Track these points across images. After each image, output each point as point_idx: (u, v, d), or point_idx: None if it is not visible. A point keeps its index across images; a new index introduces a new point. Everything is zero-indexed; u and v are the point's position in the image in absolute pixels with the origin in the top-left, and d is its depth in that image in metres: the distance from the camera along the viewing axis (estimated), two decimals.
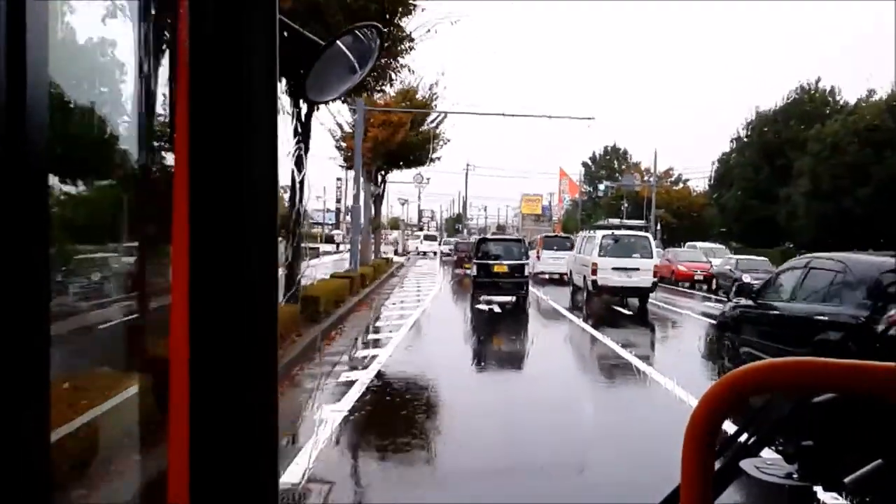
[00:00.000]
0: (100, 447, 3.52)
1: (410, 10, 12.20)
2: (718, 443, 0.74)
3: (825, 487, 0.89)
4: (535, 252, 27.03)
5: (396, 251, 48.43)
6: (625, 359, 10.01)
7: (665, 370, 8.84)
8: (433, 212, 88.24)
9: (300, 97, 10.69)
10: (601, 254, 18.23)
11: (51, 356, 0.60)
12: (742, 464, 0.91)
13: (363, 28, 1.40)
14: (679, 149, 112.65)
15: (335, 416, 6.39)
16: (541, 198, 71.73)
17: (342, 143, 26.17)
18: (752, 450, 0.95)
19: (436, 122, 26.80)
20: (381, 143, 24.68)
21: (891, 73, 46.96)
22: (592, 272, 18.13)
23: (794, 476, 0.88)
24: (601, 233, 19.58)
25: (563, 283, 23.32)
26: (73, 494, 3.17)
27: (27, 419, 0.57)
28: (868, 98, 34.56)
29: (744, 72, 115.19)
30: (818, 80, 40.63)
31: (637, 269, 17.94)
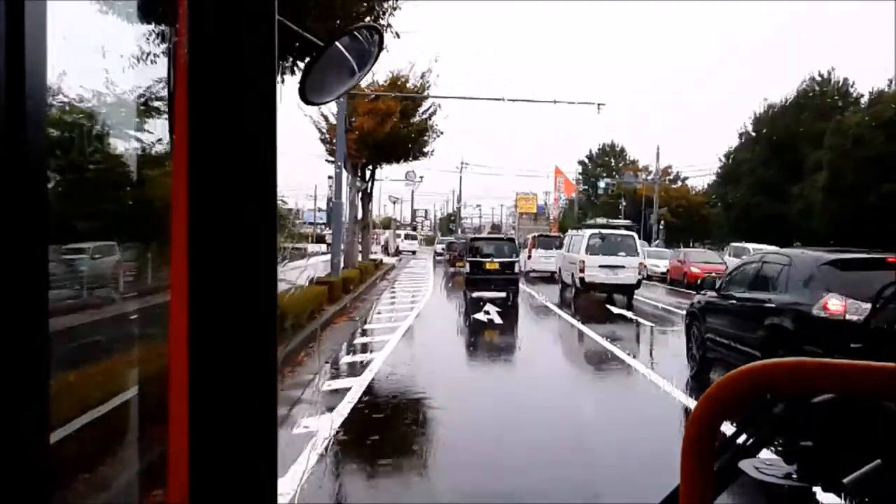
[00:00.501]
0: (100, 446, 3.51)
1: None
2: (717, 443, 0.75)
3: (824, 488, 0.89)
4: (527, 251, 28.06)
5: (387, 252, 46.81)
6: (608, 349, 10.82)
7: (642, 358, 10.32)
8: (427, 211, 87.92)
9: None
10: (588, 252, 19.03)
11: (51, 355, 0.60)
12: (741, 464, 0.91)
13: (362, 29, 1.40)
14: (677, 147, 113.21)
15: None
16: (535, 197, 71.51)
17: (327, 136, 23.22)
18: (752, 450, 0.95)
19: (428, 113, 24.50)
20: (368, 134, 22.11)
21: None
22: (580, 270, 18.94)
23: (794, 476, 0.88)
24: (589, 232, 20.38)
25: (555, 282, 23.63)
26: (74, 494, 3.16)
27: (27, 419, 0.57)
28: (891, 86, 31.33)
29: (744, 70, 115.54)
30: (831, 71, 38.02)
31: (623, 267, 18.77)
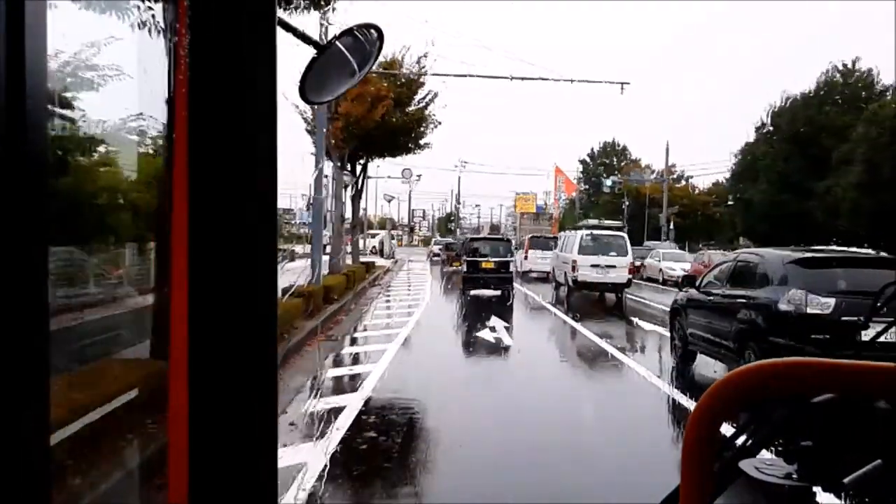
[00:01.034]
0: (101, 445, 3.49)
1: None
2: (718, 443, 0.75)
3: (824, 488, 0.89)
4: (524, 252, 28.63)
5: (382, 253, 43.75)
6: (598, 344, 11.76)
7: (626, 350, 11.41)
8: (425, 211, 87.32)
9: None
10: (581, 252, 19.71)
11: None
12: (741, 464, 0.91)
13: (363, 28, 1.40)
14: (679, 146, 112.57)
15: None
16: (535, 197, 71.21)
17: (313, 126, 18.18)
18: (752, 450, 0.95)
19: (425, 102, 22.27)
20: (356, 122, 19.44)
21: None
22: (573, 269, 19.62)
23: (794, 476, 0.88)
24: (581, 232, 21.15)
25: (550, 281, 24.16)
26: (74, 494, 3.15)
27: (27, 419, 0.57)
28: None
29: (748, 70, 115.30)
30: (856, 61, 34.91)
31: (614, 267, 19.45)
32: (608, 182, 52.88)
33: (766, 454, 0.96)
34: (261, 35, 0.70)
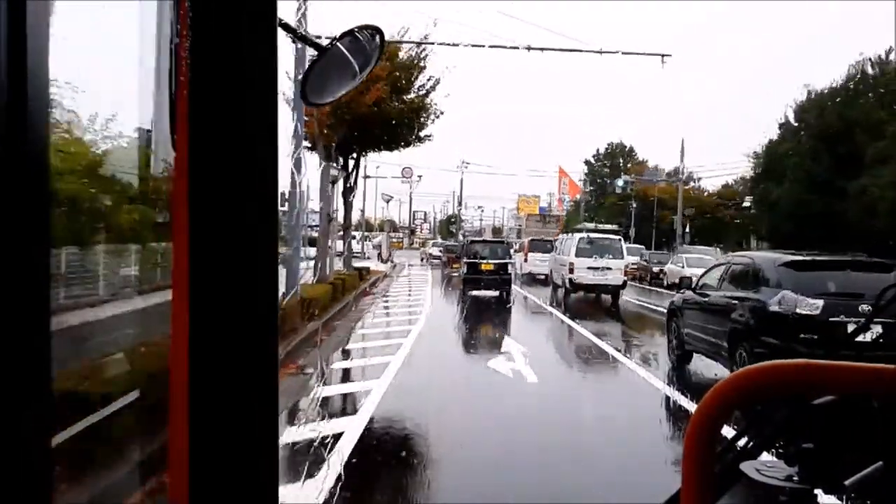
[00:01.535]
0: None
1: None
2: (719, 445, 0.74)
3: (826, 490, 0.89)
4: (523, 255, 29.11)
5: (381, 258, 40.02)
6: (592, 341, 12.43)
7: (617, 345, 12.20)
8: (426, 213, 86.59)
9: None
10: (577, 254, 20.26)
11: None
12: (742, 466, 0.91)
13: (363, 30, 1.40)
14: (689, 147, 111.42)
15: None
16: (538, 199, 70.79)
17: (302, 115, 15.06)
18: (753, 452, 0.95)
19: (425, 90, 19.53)
20: (345, 106, 16.32)
21: None
22: (569, 271, 20.21)
23: (795, 479, 0.88)
24: (578, 235, 21.94)
25: (548, 284, 24.48)
26: (74, 494, 3.14)
27: (28, 419, 0.57)
28: None
29: (748, 71, 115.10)
30: (890, 52, 30.85)
31: (609, 269, 19.99)
32: (620, 182, 51.44)
33: (767, 456, 0.95)
34: (261, 37, 0.70)
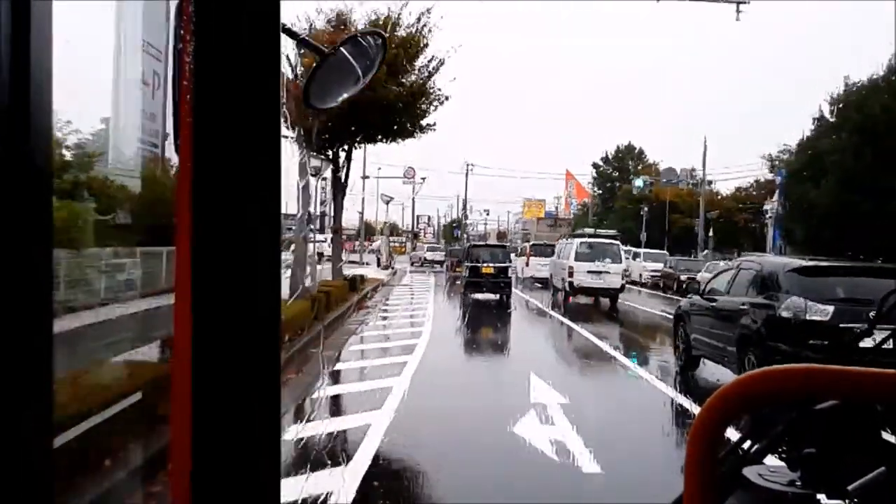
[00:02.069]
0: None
1: None
2: (722, 450, 0.74)
3: (828, 495, 0.89)
4: (525, 259, 29.78)
5: (380, 263, 36.91)
6: (590, 340, 13.10)
7: (614, 344, 12.83)
8: (430, 217, 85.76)
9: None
10: (577, 259, 20.85)
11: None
12: (745, 471, 0.91)
13: (367, 35, 1.41)
14: (691, 151, 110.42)
15: None
16: (543, 203, 70.18)
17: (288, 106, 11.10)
18: (755, 457, 0.95)
19: (428, 72, 17.11)
20: None
21: None
22: (569, 275, 20.79)
23: (798, 484, 0.88)
24: (577, 240, 22.40)
25: (549, 287, 24.97)
26: (75, 493, 3.14)
27: (29, 419, 0.57)
28: None
29: (748, 69, 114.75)
30: None
31: (608, 273, 20.57)
32: (638, 182, 50.16)
33: (770, 461, 0.95)
34: (265, 38, 0.70)
